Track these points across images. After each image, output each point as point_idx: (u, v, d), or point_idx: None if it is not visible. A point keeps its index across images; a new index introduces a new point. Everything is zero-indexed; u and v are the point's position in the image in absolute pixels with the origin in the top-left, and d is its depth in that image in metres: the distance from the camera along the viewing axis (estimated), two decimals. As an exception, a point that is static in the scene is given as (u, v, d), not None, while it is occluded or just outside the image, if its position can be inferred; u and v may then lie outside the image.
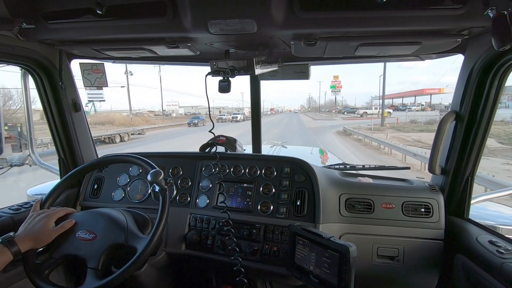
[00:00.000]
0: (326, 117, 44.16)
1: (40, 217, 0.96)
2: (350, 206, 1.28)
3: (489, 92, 1.09)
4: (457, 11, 0.85)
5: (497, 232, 1.14)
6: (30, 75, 1.41)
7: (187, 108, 76.30)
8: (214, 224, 1.30)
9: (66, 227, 0.97)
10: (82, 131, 1.58)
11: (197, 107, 77.33)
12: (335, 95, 46.91)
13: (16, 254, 0.86)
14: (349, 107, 65.35)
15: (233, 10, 0.91)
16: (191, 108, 76.42)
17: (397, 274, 1.27)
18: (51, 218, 0.96)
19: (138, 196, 1.45)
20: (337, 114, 50.03)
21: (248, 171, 1.37)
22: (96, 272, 0.90)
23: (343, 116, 42.91)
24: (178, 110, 68.10)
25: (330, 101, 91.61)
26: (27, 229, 0.93)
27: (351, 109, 56.35)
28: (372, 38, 1.06)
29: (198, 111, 70.03)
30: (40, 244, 0.94)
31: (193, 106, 78.21)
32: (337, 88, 37.64)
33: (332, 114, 52.49)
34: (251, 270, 1.22)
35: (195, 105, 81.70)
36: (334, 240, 0.94)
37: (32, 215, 0.99)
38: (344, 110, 58.57)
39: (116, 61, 1.58)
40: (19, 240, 0.88)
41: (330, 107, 78.60)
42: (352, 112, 50.43)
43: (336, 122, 29.97)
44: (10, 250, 0.85)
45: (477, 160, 1.20)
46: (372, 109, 40.27)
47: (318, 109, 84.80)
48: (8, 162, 1.51)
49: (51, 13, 1.01)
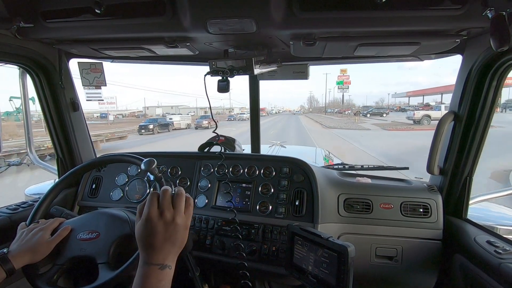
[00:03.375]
0: (342, 122, 27.56)
1: (35, 231, 0.93)
2: (349, 206, 1.29)
3: (488, 92, 1.09)
4: (456, 12, 0.85)
5: (495, 232, 1.15)
6: (28, 75, 1.41)
7: (166, 108, 70.62)
8: (213, 224, 1.30)
9: (62, 235, 0.96)
10: (80, 130, 1.57)
11: (178, 106, 72.38)
12: (343, 92, 37.66)
13: (9, 272, 0.83)
14: (372, 107, 47.75)
15: (232, 10, 0.91)
16: (171, 108, 70.85)
17: (396, 274, 1.27)
18: (47, 230, 0.94)
19: (137, 196, 1.44)
20: (352, 116, 38.41)
21: (247, 171, 1.37)
22: (108, 266, 0.91)
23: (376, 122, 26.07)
24: (156, 110, 63.40)
25: (335, 100, 78.22)
26: (22, 245, 0.89)
27: (376, 110, 41.41)
28: (371, 38, 1.06)
29: (178, 111, 64.56)
30: (38, 257, 0.90)
31: (172, 106, 72.66)
32: (345, 84, 31.74)
33: (347, 116, 39.86)
34: (249, 270, 1.22)
35: (176, 104, 76.00)
36: (333, 240, 0.94)
37: (23, 232, 0.95)
38: (366, 111, 42.55)
39: (115, 61, 1.58)
40: (13, 256, 0.85)
41: (336, 107, 65.96)
42: (379, 113, 38.50)
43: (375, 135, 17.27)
44: (3, 268, 0.82)
45: (476, 161, 1.20)
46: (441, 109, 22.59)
47: (324, 108, 68.01)
48: (6, 161, 1.50)
49: (50, 12, 1.00)
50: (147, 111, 65.90)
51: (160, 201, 0.74)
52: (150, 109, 68.09)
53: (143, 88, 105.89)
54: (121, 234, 0.96)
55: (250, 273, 1.17)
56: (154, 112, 64.80)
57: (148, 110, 66.38)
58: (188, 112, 64.59)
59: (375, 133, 18.31)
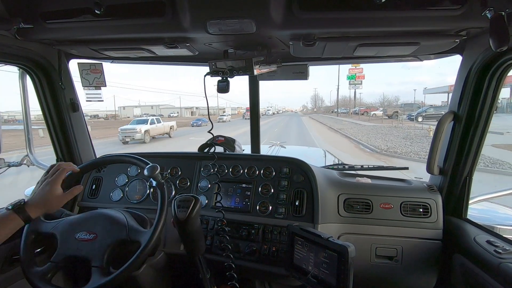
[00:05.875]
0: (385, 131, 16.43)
1: (43, 184, 0.98)
2: (349, 206, 1.29)
3: (487, 92, 1.10)
4: (455, 12, 0.85)
5: (495, 232, 1.15)
6: (28, 75, 1.41)
7: (145, 108, 61.65)
8: (213, 224, 1.30)
9: (74, 193, 1.00)
10: (80, 131, 1.58)
11: (159, 106, 64.09)
12: (355, 88, 28.94)
13: (26, 220, 0.90)
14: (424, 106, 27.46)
15: (232, 10, 0.91)
16: (151, 108, 62.35)
17: (396, 274, 1.27)
18: (53, 183, 0.96)
19: (137, 197, 1.44)
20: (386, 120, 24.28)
21: (246, 171, 1.37)
22: (100, 270, 0.91)
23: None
24: (134, 110, 55.30)
25: (343, 98, 59.40)
26: (35, 196, 0.95)
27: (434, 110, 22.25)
28: (371, 38, 1.06)
29: (159, 112, 57.14)
30: (52, 208, 0.96)
31: (153, 106, 64.68)
32: (358, 78, 25.35)
33: (373, 119, 25.73)
34: (249, 270, 1.22)
35: (156, 104, 67.30)
36: (333, 240, 0.94)
37: (39, 184, 1.01)
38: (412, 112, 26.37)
39: (115, 61, 1.58)
40: (29, 206, 0.91)
41: (345, 106, 50.50)
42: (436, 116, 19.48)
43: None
44: (20, 216, 0.88)
45: (475, 160, 1.20)
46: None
47: (336, 106, 47.76)
48: (6, 162, 1.50)
49: (49, 12, 1.00)
50: (123, 111, 57.01)
51: None
52: (127, 109, 59.03)
53: (116, 85, 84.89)
54: (117, 238, 0.96)
55: (249, 273, 1.17)
56: (132, 113, 57.25)
57: (124, 110, 57.74)
58: (171, 113, 57.63)
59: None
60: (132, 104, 63.37)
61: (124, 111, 57.68)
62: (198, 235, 1.02)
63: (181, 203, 0.95)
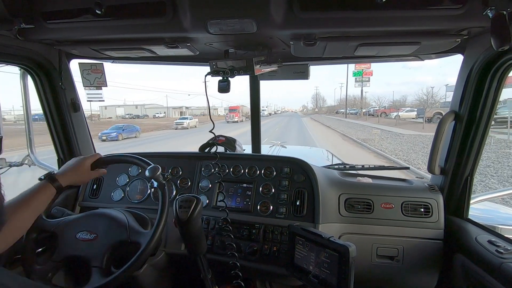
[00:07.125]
0: None
1: (78, 158, 1.08)
2: (350, 206, 1.28)
3: (488, 92, 1.09)
4: (456, 11, 0.85)
5: (496, 232, 1.14)
6: (29, 75, 1.41)
7: (129, 108, 56.24)
8: (214, 224, 1.30)
9: (100, 173, 1.10)
10: (81, 131, 1.58)
11: (144, 106, 59.24)
12: (361, 86, 25.53)
13: (58, 188, 0.96)
14: None
15: (233, 10, 0.91)
16: (135, 108, 57.20)
17: (397, 274, 1.27)
18: (87, 159, 1.07)
19: (138, 196, 1.44)
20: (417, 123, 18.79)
21: (247, 171, 1.37)
22: (100, 271, 0.91)
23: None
24: (117, 111, 50.94)
25: (348, 97, 45.97)
26: (67, 168, 1.03)
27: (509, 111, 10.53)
28: (372, 38, 1.06)
29: (144, 112, 52.54)
30: (79, 181, 1.05)
31: (137, 105, 59.18)
32: (365, 75, 23.25)
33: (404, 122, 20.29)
34: (250, 270, 1.21)
35: (142, 103, 61.58)
36: (334, 240, 0.94)
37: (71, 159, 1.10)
38: None
39: (116, 61, 1.58)
40: (60, 176, 0.97)
41: (351, 106, 43.32)
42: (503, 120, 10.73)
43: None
44: (53, 185, 0.94)
45: (477, 160, 1.20)
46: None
47: (345, 105, 40.42)
48: (7, 162, 1.50)
49: (50, 13, 1.01)
50: (104, 111, 51.20)
51: None
52: (109, 108, 52.50)
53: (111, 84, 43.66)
54: (118, 239, 0.96)
55: (250, 273, 1.17)
56: (115, 113, 51.61)
57: (106, 110, 51.31)
58: (156, 113, 52.75)
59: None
60: (115, 103, 56.97)
61: (106, 111, 52.29)
62: (199, 235, 1.02)
63: (182, 203, 0.95)
